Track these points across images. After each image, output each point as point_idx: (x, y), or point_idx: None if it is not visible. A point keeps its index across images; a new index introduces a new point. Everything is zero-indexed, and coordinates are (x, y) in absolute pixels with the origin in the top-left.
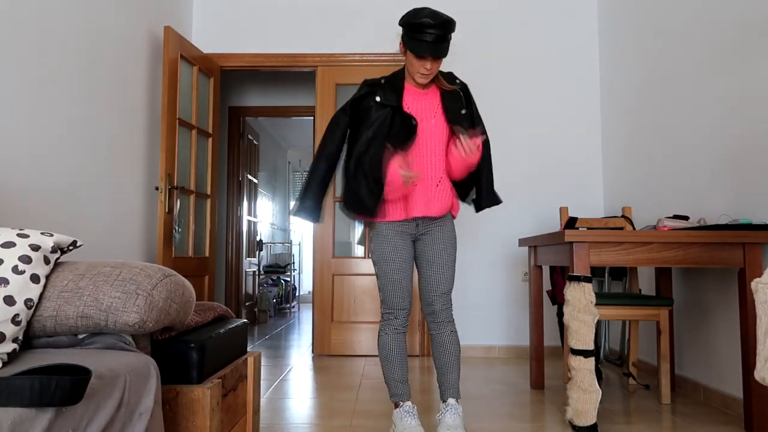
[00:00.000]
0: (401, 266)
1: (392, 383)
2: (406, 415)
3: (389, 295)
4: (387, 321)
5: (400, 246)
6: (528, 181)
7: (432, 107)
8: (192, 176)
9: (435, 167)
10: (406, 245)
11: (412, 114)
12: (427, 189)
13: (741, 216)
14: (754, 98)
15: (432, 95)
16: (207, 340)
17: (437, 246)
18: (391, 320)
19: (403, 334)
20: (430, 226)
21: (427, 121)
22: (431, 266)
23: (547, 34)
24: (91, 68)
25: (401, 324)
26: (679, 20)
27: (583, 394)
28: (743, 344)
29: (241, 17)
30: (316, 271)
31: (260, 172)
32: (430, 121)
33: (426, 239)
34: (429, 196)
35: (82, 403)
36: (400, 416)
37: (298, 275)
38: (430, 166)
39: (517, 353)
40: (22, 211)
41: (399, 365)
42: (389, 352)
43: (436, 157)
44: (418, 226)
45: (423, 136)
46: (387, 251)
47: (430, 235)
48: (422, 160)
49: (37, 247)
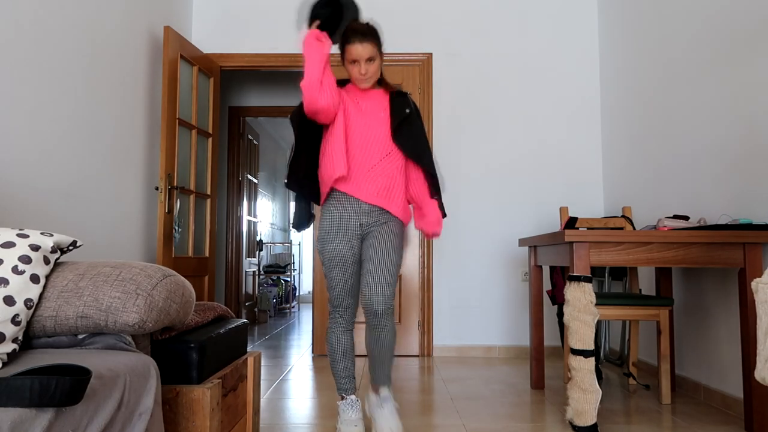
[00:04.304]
0: (343, 265)
1: (338, 378)
2: (349, 408)
3: (334, 295)
4: (333, 319)
5: (343, 245)
6: (528, 182)
7: (379, 105)
8: (192, 176)
9: (370, 156)
10: (350, 244)
11: (360, 107)
12: (360, 173)
13: (741, 216)
14: (755, 98)
15: (380, 96)
16: (207, 340)
17: (377, 239)
18: (337, 318)
19: (349, 332)
20: (372, 226)
21: (375, 115)
22: (370, 258)
23: (547, 34)
24: (91, 68)
25: (346, 322)
26: (680, 20)
27: (583, 394)
28: (743, 344)
29: (241, 17)
30: (316, 271)
31: (260, 172)
32: (379, 115)
33: (370, 235)
34: (360, 180)
35: (82, 403)
36: (344, 408)
37: (298, 275)
38: (366, 155)
39: (517, 353)
40: (22, 211)
41: (343, 361)
42: (334, 349)
43: (374, 149)
44: (362, 226)
45: (366, 128)
46: (330, 250)
47: (373, 233)
48: (361, 148)
49: (37, 247)
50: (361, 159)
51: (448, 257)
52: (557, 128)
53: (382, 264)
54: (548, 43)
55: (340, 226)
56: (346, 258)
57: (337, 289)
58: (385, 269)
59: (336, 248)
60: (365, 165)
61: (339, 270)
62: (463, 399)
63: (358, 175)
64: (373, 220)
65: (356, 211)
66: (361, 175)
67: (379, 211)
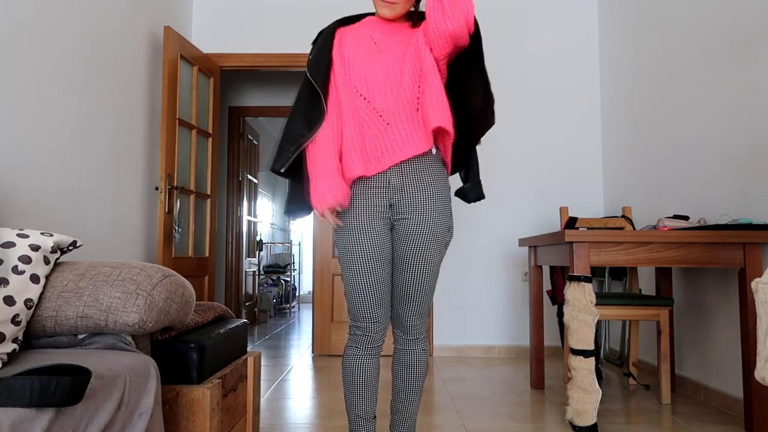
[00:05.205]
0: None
1: (352, 417)
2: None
3: (353, 303)
4: (353, 337)
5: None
6: (528, 181)
7: (406, 39)
8: (192, 176)
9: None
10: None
11: (378, 46)
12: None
13: (741, 216)
14: (755, 98)
15: (406, 31)
16: (207, 340)
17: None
18: (357, 336)
19: (374, 357)
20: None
21: (398, 52)
22: (406, 269)
23: (547, 34)
24: (91, 68)
25: (370, 342)
26: (680, 20)
27: (583, 394)
28: (743, 344)
29: (241, 17)
30: (316, 271)
31: (260, 172)
32: (404, 51)
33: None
34: (404, 131)
35: (82, 404)
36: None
37: (298, 275)
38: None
39: (517, 353)
40: (22, 211)
41: (363, 396)
42: (351, 378)
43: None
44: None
45: (390, 66)
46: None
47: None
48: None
49: (37, 247)
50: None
51: (448, 257)
52: (557, 128)
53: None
54: (548, 43)
55: (361, 211)
56: (370, 254)
57: (359, 296)
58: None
59: (356, 241)
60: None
61: (360, 270)
62: (463, 399)
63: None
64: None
65: (383, 186)
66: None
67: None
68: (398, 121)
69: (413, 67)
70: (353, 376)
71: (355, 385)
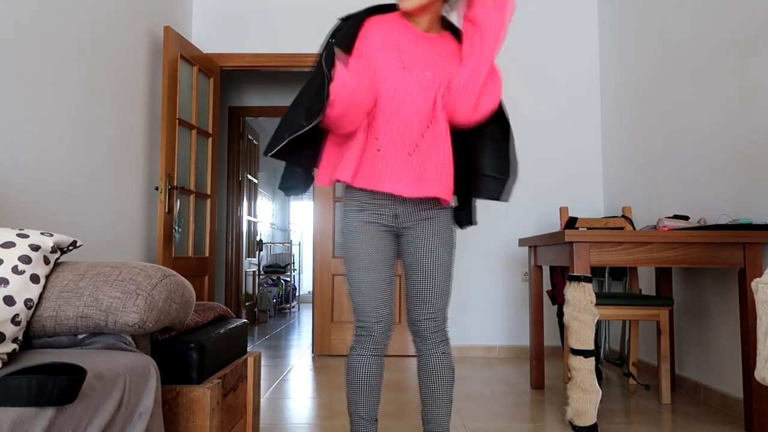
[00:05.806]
0: (370, 263)
1: (354, 419)
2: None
3: (358, 303)
4: (358, 338)
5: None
6: (528, 181)
7: (432, 56)
8: (192, 176)
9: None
10: (381, 238)
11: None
12: (396, 158)
13: (741, 216)
14: (755, 98)
15: (440, 42)
16: (207, 340)
17: (423, 245)
18: (362, 337)
19: (378, 357)
20: (414, 219)
21: (420, 71)
22: (415, 273)
23: (547, 34)
24: (91, 68)
25: (375, 342)
26: (680, 20)
27: (583, 394)
28: (743, 344)
29: (241, 17)
30: (316, 271)
31: (260, 172)
32: (424, 73)
33: (410, 236)
34: (399, 167)
35: (82, 403)
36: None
37: (298, 275)
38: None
39: (517, 353)
40: (22, 211)
41: (366, 397)
42: (355, 378)
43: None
44: (398, 218)
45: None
46: (354, 244)
47: (415, 230)
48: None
49: (37, 247)
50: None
51: None
52: (557, 128)
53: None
54: (548, 43)
55: (367, 216)
56: (374, 255)
57: (363, 295)
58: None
59: (361, 242)
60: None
61: (364, 270)
62: (463, 399)
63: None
64: (413, 209)
65: (390, 201)
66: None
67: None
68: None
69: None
70: (356, 377)
71: (358, 386)
